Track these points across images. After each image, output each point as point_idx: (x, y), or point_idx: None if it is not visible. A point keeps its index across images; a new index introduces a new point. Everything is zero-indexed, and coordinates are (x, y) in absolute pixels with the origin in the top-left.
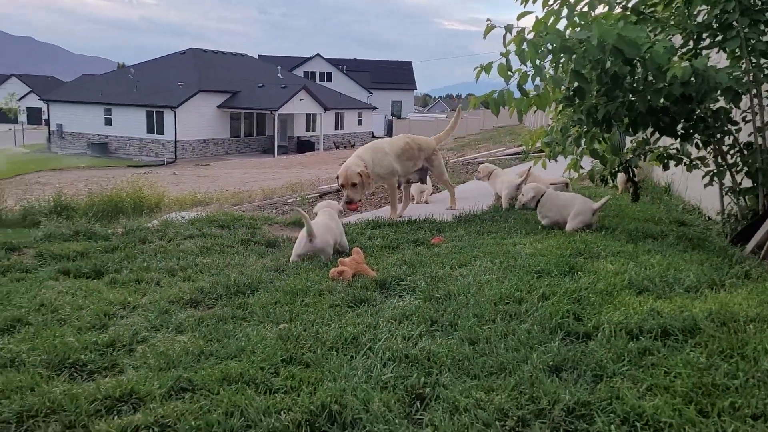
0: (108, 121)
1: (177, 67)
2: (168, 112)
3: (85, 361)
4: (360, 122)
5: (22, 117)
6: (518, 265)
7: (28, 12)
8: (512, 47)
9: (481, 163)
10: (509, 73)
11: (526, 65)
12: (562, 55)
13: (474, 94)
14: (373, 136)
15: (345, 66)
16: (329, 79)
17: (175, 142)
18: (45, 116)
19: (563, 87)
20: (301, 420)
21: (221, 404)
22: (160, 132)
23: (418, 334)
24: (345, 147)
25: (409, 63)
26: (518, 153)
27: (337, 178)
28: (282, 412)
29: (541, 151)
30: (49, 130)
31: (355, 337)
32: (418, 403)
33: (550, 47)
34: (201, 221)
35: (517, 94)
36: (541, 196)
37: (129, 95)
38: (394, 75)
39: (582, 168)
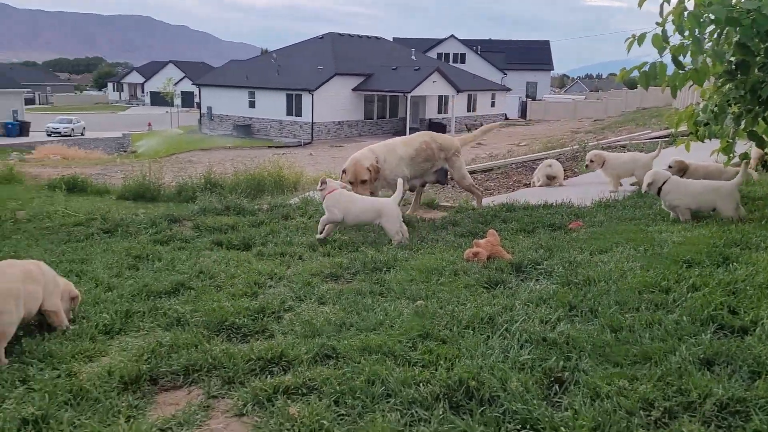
0: (251, 104)
1: (315, 51)
2: (306, 95)
3: (239, 324)
4: (493, 104)
5: (177, 100)
6: (665, 253)
7: (184, 3)
8: (669, 17)
9: (624, 146)
10: (664, 44)
11: (683, 36)
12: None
13: (616, 74)
14: (506, 119)
15: (479, 47)
16: (463, 61)
17: (312, 124)
18: (197, 100)
19: (725, 61)
20: (439, 393)
21: (363, 372)
22: (298, 114)
23: (556, 318)
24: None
25: (547, 42)
26: (664, 136)
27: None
28: (421, 384)
29: (689, 133)
30: (200, 112)
31: (491, 318)
32: (557, 387)
33: (712, 17)
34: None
35: (671, 68)
36: (664, 183)
37: (271, 79)
38: (530, 55)
39: (735, 153)
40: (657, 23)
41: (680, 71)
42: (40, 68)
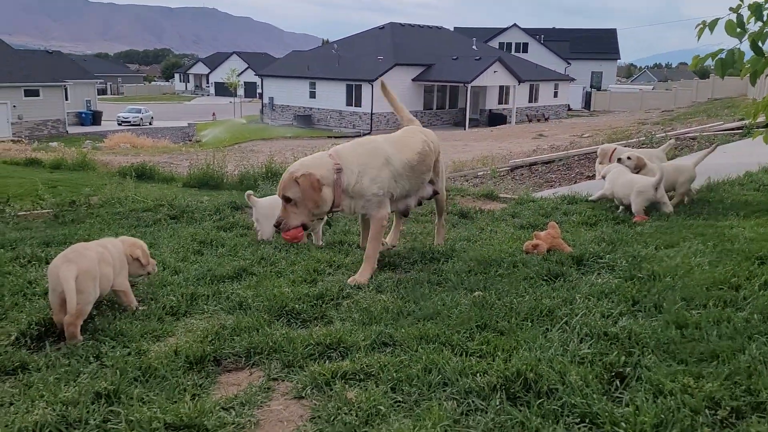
0: (312, 95)
1: (376, 41)
2: (366, 85)
3: (299, 310)
4: (555, 94)
5: (240, 91)
6: (735, 249)
7: None
8: (746, 2)
9: (694, 138)
10: (739, 30)
11: (763, 22)
12: None
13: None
14: (570, 109)
15: (542, 36)
16: (525, 50)
17: (371, 114)
18: (259, 90)
19: None
20: (496, 384)
21: (420, 361)
22: (358, 105)
23: (618, 313)
24: (538, 120)
25: (613, 30)
26: (738, 128)
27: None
28: (477, 375)
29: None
30: (262, 102)
31: (551, 310)
32: (618, 382)
33: None
34: None
35: (749, 56)
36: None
37: (331, 70)
38: (596, 44)
39: None
40: (731, 8)
41: (761, 57)
42: (112, 60)
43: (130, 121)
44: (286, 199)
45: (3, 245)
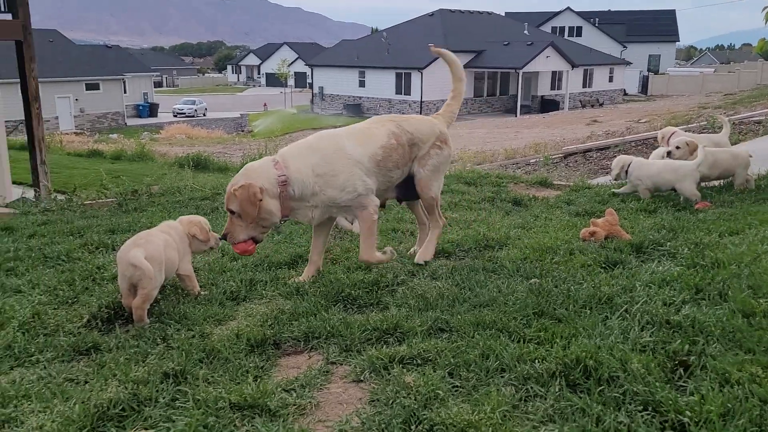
0: (361, 84)
1: (425, 28)
2: (415, 73)
3: (355, 296)
4: (611, 79)
5: (291, 81)
6: None
7: None
8: None
9: (759, 122)
10: None
11: None
12: None
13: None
14: (625, 94)
15: (597, 19)
16: (579, 34)
17: (421, 102)
18: (309, 80)
19: None
20: (555, 370)
21: (477, 346)
22: (407, 93)
23: (681, 301)
24: (592, 106)
25: (672, 12)
26: None
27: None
28: (536, 361)
29: None
30: (312, 92)
31: (610, 298)
32: (681, 371)
33: None
34: (449, 178)
35: None
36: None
37: (380, 58)
38: (653, 26)
39: None
40: None
41: None
42: (167, 53)
43: (185, 113)
44: (231, 212)
45: (72, 233)
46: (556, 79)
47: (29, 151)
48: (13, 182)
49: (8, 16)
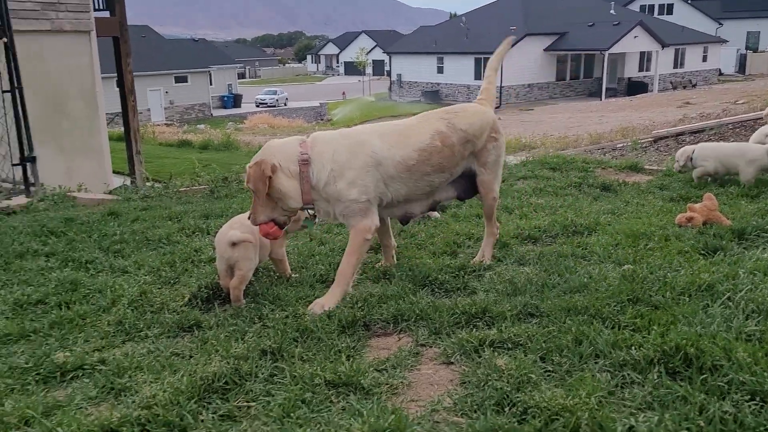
0: (440, 70)
1: (505, 11)
2: None
3: (441, 280)
4: (704, 59)
5: (369, 69)
6: None
7: None
8: None
9: None
10: None
11: None
12: None
13: None
14: (721, 74)
15: None
16: (669, 12)
17: (500, 87)
18: (387, 68)
19: None
20: (653, 357)
21: (569, 332)
22: (479, 79)
23: None
24: (684, 87)
25: None
26: None
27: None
28: (632, 348)
29: None
30: (390, 80)
31: (711, 286)
32: None
33: None
34: (532, 163)
35: None
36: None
37: (459, 44)
38: (752, 1)
39: None
40: None
41: None
42: (250, 44)
43: (267, 103)
44: (252, 191)
45: (170, 218)
46: (644, 60)
47: (125, 141)
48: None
49: (106, 14)
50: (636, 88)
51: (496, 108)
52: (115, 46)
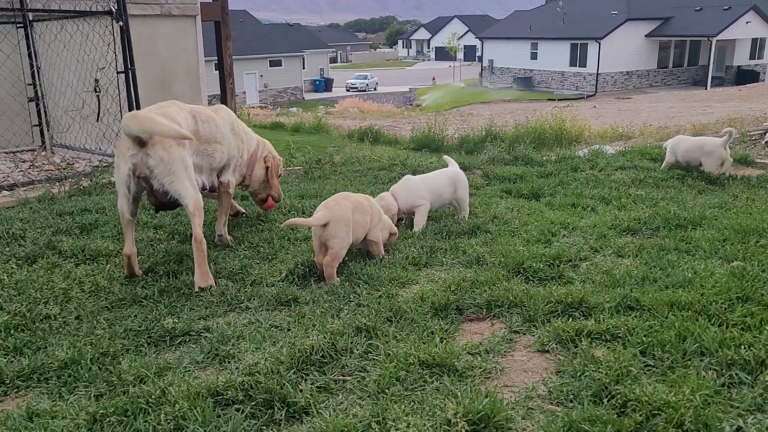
0: (533, 56)
1: None
2: (592, 43)
3: (535, 269)
4: None
5: (460, 54)
6: None
7: None
8: None
9: None
10: None
11: None
12: None
13: None
14: None
15: None
16: None
17: (597, 74)
18: (478, 53)
19: None
20: (765, 358)
21: (672, 327)
22: (582, 65)
23: None
24: None
25: None
26: None
27: None
28: (742, 347)
29: None
30: (481, 65)
31: None
32: None
33: None
34: (632, 153)
35: None
36: None
37: (555, 28)
38: None
39: None
40: None
41: None
42: (342, 29)
43: (357, 87)
44: None
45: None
46: (756, 47)
47: None
48: None
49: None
50: (746, 77)
51: (590, 95)
52: (216, 30)
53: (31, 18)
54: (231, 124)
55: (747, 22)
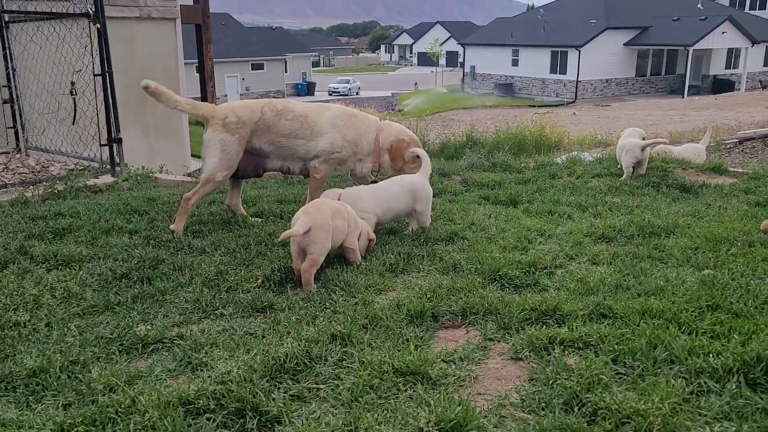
0: (514, 63)
1: (586, 4)
2: (572, 51)
3: (511, 276)
4: None
5: (442, 60)
6: None
7: None
8: None
9: None
10: None
11: None
12: None
13: None
14: None
15: None
16: (762, 6)
17: (577, 82)
18: (460, 59)
19: None
20: (732, 366)
21: (643, 335)
22: (563, 72)
23: None
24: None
25: None
26: None
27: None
28: (710, 355)
29: None
30: (463, 71)
31: None
32: None
33: None
34: (609, 160)
35: None
36: None
37: (536, 36)
38: None
39: None
40: None
41: None
42: (325, 33)
43: (339, 91)
44: None
45: (246, 201)
46: (731, 57)
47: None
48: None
49: (190, 1)
50: (721, 86)
51: (570, 102)
52: (197, 33)
53: (6, 19)
54: (332, 120)
55: (723, 33)
